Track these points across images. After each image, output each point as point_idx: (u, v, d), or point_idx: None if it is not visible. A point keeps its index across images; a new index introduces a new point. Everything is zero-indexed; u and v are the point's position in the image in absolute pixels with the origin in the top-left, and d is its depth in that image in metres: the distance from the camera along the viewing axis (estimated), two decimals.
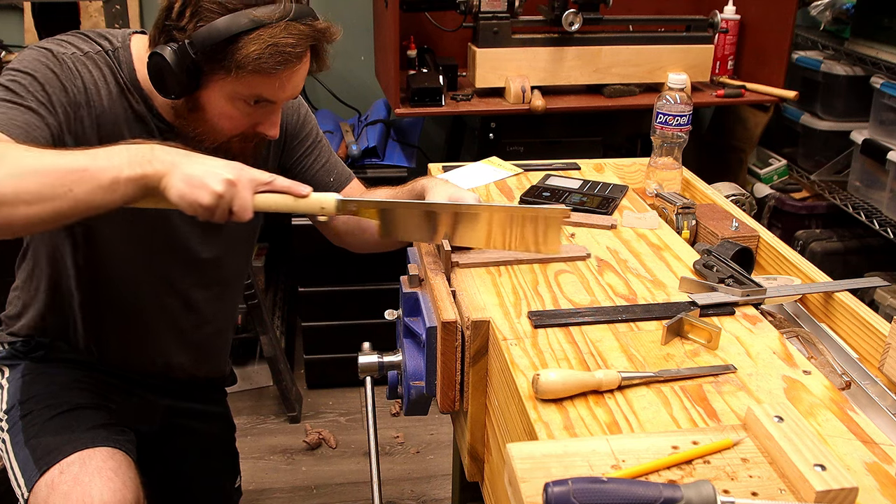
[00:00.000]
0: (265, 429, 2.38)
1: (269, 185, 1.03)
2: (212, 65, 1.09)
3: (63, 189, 0.94)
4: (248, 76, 1.09)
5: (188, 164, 0.99)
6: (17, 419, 1.26)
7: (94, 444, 1.21)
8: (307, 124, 1.40)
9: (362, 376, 1.20)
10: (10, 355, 1.36)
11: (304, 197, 1.05)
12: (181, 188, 0.98)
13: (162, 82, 1.11)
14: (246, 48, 1.06)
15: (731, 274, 1.10)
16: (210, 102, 1.14)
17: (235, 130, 1.17)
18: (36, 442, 1.21)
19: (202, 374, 1.50)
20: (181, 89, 1.12)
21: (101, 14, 2.30)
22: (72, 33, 1.20)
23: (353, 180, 1.46)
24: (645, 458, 0.72)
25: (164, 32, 1.11)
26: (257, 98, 1.13)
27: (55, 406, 1.27)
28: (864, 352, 1.04)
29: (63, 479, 1.15)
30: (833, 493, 0.67)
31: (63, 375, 1.32)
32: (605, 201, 1.39)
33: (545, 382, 0.84)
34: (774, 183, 2.66)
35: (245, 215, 1.01)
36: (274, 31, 1.07)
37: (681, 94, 1.42)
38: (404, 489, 2.16)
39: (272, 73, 1.09)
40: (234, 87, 1.11)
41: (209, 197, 0.97)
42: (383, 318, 1.22)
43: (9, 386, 1.33)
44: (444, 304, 1.03)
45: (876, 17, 2.33)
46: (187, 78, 1.10)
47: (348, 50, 2.67)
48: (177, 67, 1.09)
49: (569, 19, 2.20)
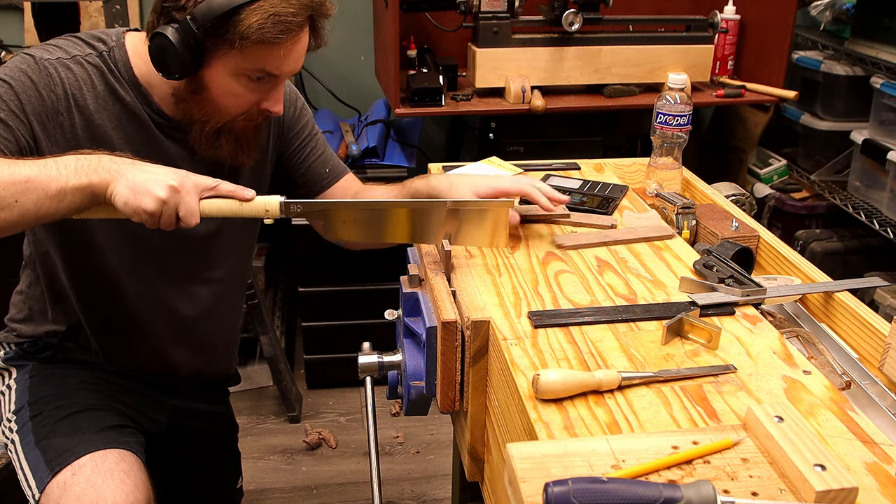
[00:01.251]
0: (265, 429, 2.38)
1: (214, 191, 1.06)
2: (214, 40, 1.10)
3: (9, 200, 0.98)
4: (251, 48, 1.09)
5: (133, 172, 1.02)
6: (27, 420, 1.26)
7: (106, 445, 1.21)
8: (303, 116, 1.41)
9: (362, 376, 1.19)
10: (17, 356, 1.36)
11: (248, 200, 1.07)
12: (126, 195, 1.01)
13: (165, 63, 1.11)
14: (248, 19, 1.07)
15: (731, 274, 1.10)
16: (214, 80, 1.15)
17: (240, 108, 1.18)
18: (47, 443, 1.22)
19: (209, 374, 1.50)
20: (185, 68, 1.12)
21: (100, 14, 2.30)
22: (65, 37, 1.20)
23: (348, 174, 1.47)
24: (645, 458, 0.72)
25: (164, 14, 1.12)
26: (260, 73, 1.14)
27: (65, 407, 1.27)
28: (864, 352, 1.04)
29: (76, 480, 1.15)
30: (833, 493, 0.67)
31: (71, 376, 1.33)
32: (605, 201, 1.39)
33: (545, 382, 0.84)
34: (774, 183, 2.66)
35: (191, 220, 1.05)
36: (274, 1, 1.08)
37: (681, 94, 1.42)
38: (404, 489, 2.16)
39: (275, 43, 1.10)
40: (237, 62, 1.12)
41: (153, 203, 1.01)
42: (383, 318, 1.22)
43: (17, 387, 1.33)
44: (444, 304, 1.03)
45: (876, 17, 2.33)
46: (191, 56, 1.10)
47: (348, 50, 2.67)
48: (180, 46, 1.09)
49: (569, 19, 2.20)
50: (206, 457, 1.56)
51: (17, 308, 1.38)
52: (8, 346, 1.38)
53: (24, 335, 1.36)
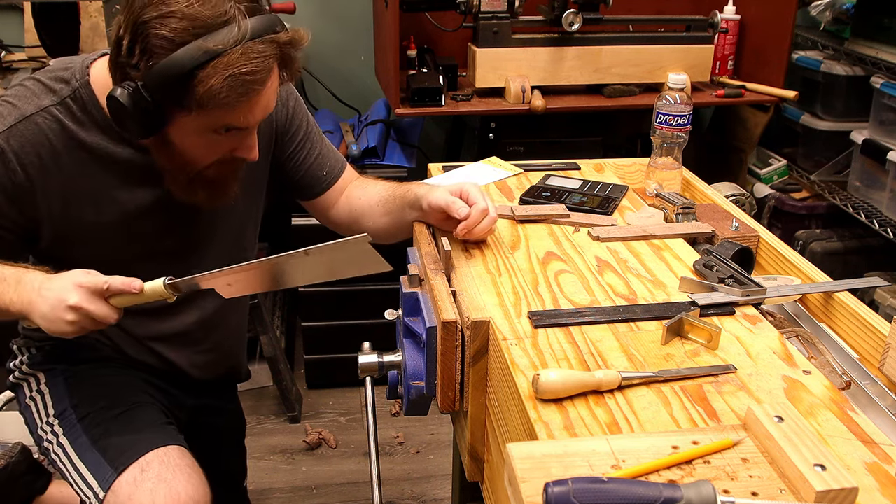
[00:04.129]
0: (265, 429, 2.38)
1: (108, 291, 1.07)
2: (171, 104, 1.04)
3: None
4: (212, 111, 1.03)
5: (39, 303, 1.05)
6: (75, 422, 1.27)
7: (165, 442, 1.24)
8: (297, 117, 1.37)
9: (362, 376, 1.20)
10: (42, 360, 1.35)
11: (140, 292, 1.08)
12: (45, 325, 1.06)
13: (123, 126, 1.06)
14: (204, 84, 0.99)
15: (731, 274, 1.10)
16: (178, 137, 1.10)
17: (211, 159, 1.15)
18: (105, 443, 1.23)
19: (222, 372, 1.51)
20: (145, 130, 1.07)
21: (100, 14, 2.30)
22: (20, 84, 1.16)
23: (347, 169, 1.44)
24: (645, 458, 0.72)
25: (119, 69, 1.05)
26: (227, 126, 1.09)
27: (112, 406, 1.28)
28: (864, 352, 1.04)
29: (146, 476, 1.18)
30: (833, 493, 0.67)
31: (107, 376, 1.33)
32: (605, 201, 1.39)
33: (545, 382, 0.84)
34: (774, 183, 2.66)
35: (110, 320, 1.07)
36: (231, 60, 0.99)
37: (681, 94, 1.42)
38: (404, 489, 2.16)
39: (236, 106, 1.04)
40: (199, 123, 1.07)
41: (69, 327, 1.05)
42: (383, 318, 1.22)
43: (50, 391, 1.32)
44: (444, 304, 1.03)
45: (876, 17, 2.33)
46: (148, 119, 1.05)
47: (348, 50, 2.67)
48: (134, 110, 1.03)
49: (569, 19, 2.20)
50: (219, 454, 1.56)
51: None
52: (28, 351, 1.37)
53: (45, 337, 1.34)
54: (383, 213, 1.36)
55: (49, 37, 2.23)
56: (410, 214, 1.30)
